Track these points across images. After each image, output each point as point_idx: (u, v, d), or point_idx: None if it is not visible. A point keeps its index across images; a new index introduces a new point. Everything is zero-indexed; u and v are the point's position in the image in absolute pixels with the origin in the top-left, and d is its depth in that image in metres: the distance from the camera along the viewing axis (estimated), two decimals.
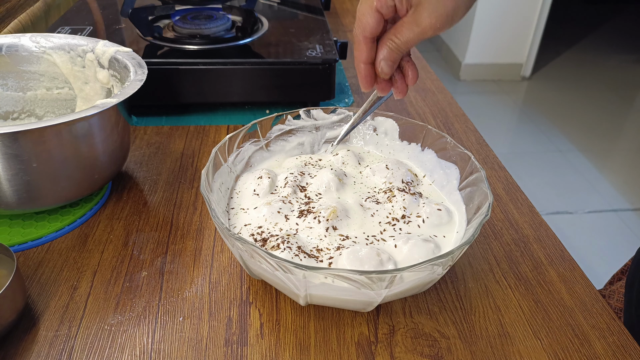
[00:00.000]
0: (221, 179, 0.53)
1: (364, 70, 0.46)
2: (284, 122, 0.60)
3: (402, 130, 0.61)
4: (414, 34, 0.43)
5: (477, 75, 3.13)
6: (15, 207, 0.52)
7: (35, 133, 0.48)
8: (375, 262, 0.44)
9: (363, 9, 0.43)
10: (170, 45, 0.77)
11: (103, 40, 0.63)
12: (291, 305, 0.48)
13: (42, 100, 0.67)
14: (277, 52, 0.77)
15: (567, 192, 2.18)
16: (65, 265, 0.51)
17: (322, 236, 0.48)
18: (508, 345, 0.45)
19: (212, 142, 0.72)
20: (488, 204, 0.46)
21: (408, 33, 0.43)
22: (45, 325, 0.45)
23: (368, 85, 0.47)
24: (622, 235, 1.96)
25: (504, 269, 0.53)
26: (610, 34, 3.88)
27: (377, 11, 0.43)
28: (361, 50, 0.45)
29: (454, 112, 0.83)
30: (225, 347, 0.44)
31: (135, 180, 0.64)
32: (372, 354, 0.44)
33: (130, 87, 0.54)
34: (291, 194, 0.53)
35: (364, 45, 0.45)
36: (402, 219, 0.51)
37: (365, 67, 0.46)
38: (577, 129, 2.64)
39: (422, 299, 0.49)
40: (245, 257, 0.44)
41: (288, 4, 0.99)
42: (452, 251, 0.41)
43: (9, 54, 0.63)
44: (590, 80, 3.19)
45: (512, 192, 0.65)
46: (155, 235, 0.55)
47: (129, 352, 0.43)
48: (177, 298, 0.48)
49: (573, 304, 0.49)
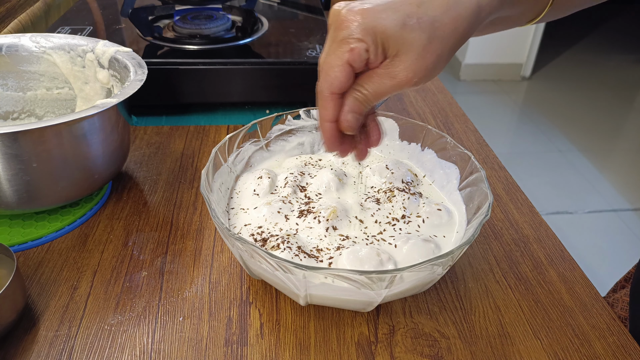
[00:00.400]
0: (221, 179, 0.53)
1: (329, 130, 0.40)
2: (284, 122, 0.60)
3: (402, 130, 0.61)
4: (385, 87, 0.38)
5: (477, 75, 3.13)
6: (15, 207, 0.52)
7: (35, 133, 0.48)
8: (375, 262, 0.44)
9: (331, 62, 0.37)
10: (170, 45, 0.77)
11: (103, 40, 0.63)
12: (291, 305, 0.48)
13: (42, 100, 0.67)
14: (277, 52, 0.77)
15: (567, 192, 2.18)
16: (65, 265, 0.51)
17: (322, 236, 0.48)
18: (508, 345, 0.45)
19: (212, 142, 0.72)
20: (488, 204, 0.46)
21: (379, 85, 0.38)
22: (45, 325, 0.45)
23: (335, 146, 0.42)
24: (622, 235, 1.96)
25: (504, 269, 0.53)
26: (610, 34, 3.88)
27: (348, 65, 0.37)
28: (327, 108, 0.39)
29: (454, 112, 0.83)
30: (225, 347, 0.44)
31: (135, 180, 0.64)
32: (372, 354, 0.44)
33: (130, 87, 0.54)
34: (291, 194, 0.53)
35: (331, 102, 0.39)
36: (402, 219, 0.51)
37: (331, 125, 0.40)
38: (577, 129, 2.65)
39: (422, 299, 0.49)
40: (245, 257, 0.44)
41: (288, 4, 0.99)
42: (452, 251, 0.41)
43: (9, 54, 0.63)
44: (590, 80, 3.19)
45: (512, 192, 0.65)
46: (155, 235, 0.55)
47: (129, 352, 0.43)
48: (177, 298, 0.48)
49: (573, 304, 0.49)
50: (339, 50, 0.37)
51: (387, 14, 0.36)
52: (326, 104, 0.39)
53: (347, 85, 0.39)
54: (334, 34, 0.38)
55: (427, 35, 0.37)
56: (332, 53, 0.38)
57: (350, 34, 0.36)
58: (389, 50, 0.37)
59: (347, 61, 0.37)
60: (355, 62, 0.37)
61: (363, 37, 0.36)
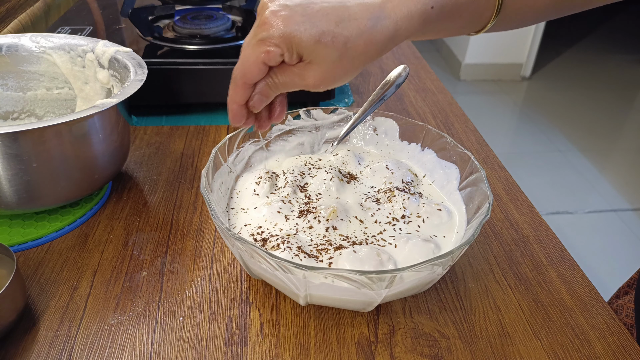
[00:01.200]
0: (221, 179, 0.53)
1: (236, 109, 0.44)
2: (284, 122, 0.60)
3: (402, 130, 0.61)
4: (293, 84, 0.42)
5: (477, 75, 3.13)
6: (15, 207, 0.52)
7: (35, 133, 0.48)
8: (375, 262, 0.44)
9: (248, 55, 0.41)
10: (170, 45, 0.77)
11: (103, 40, 0.63)
12: (291, 305, 0.48)
13: (42, 100, 0.67)
14: None
15: (567, 192, 2.18)
16: (65, 265, 0.51)
17: (322, 236, 0.48)
18: (508, 345, 0.45)
19: (212, 142, 0.72)
20: (488, 204, 0.46)
21: (290, 80, 0.42)
22: (45, 325, 0.45)
23: (238, 121, 0.45)
24: (622, 235, 1.96)
25: (504, 269, 0.53)
26: (610, 34, 3.88)
27: (263, 63, 0.41)
28: (238, 94, 0.43)
29: (454, 112, 0.83)
30: (225, 347, 0.44)
31: (135, 180, 0.64)
32: (372, 354, 0.44)
33: (130, 87, 0.54)
34: (291, 194, 0.53)
35: (242, 89, 0.43)
36: (402, 219, 0.51)
37: (238, 106, 0.44)
38: (577, 129, 2.65)
39: (422, 299, 0.49)
40: (245, 257, 0.44)
41: None
42: (452, 251, 0.41)
43: (9, 54, 0.63)
44: (590, 80, 3.19)
45: (512, 192, 0.65)
46: (155, 235, 0.55)
47: (129, 352, 0.43)
48: (177, 298, 0.48)
49: (573, 304, 0.49)
50: (257, 48, 0.40)
51: (305, 27, 0.39)
52: (238, 90, 0.43)
53: (259, 78, 0.42)
54: (257, 29, 0.40)
55: (338, 54, 0.40)
56: (250, 47, 0.40)
57: (269, 37, 0.39)
58: (303, 57, 0.40)
59: (262, 60, 0.40)
60: (270, 61, 0.40)
61: (279, 43, 0.39)
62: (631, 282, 0.63)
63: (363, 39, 0.40)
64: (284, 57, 0.40)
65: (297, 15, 0.39)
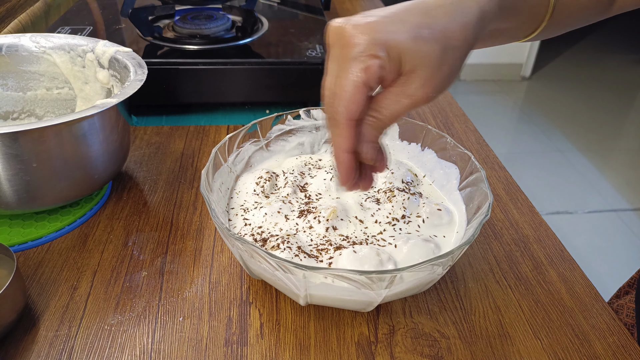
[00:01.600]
0: (221, 179, 0.53)
1: (348, 161, 0.36)
2: (284, 122, 0.60)
3: (402, 130, 0.61)
4: (401, 106, 0.34)
5: (477, 75, 3.13)
6: (15, 207, 0.52)
7: (35, 133, 0.48)
8: (375, 262, 0.44)
9: (345, 85, 0.33)
10: (170, 45, 0.77)
11: (103, 40, 0.63)
12: (291, 305, 0.48)
13: (42, 100, 0.67)
14: (277, 52, 0.77)
15: (567, 192, 2.18)
16: (65, 265, 0.51)
17: (322, 236, 0.48)
18: (508, 345, 0.45)
19: (212, 142, 0.72)
20: (488, 204, 0.46)
21: (395, 105, 0.34)
22: (45, 325, 0.45)
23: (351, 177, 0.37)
24: (622, 235, 1.96)
25: (504, 269, 0.53)
26: (610, 34, 3.88)
27: (365, 85, 0.33)
28: (345, 137, 0.35)
29: (454, 112, 0.83)
30: (225, 347, 0.44)
31: (135, 180, 0.64)
32: (372, 354, 0.44)
33: (130, 87, 0.54)
34: (291, 194, 0.53)
35: (348, 129, 0.34)
36: (402, 219, 0.51)
37: (349, 157, 0.36)
38: (577, 129, 2.64)
39: (422, 299, 0.49)
40: (245, 257, 0.44)
41: (288, 4, 0.99)
42: (452, 251, 0.41)
43: (9, 54, 0.63)
44: (590, 80, 3.19)
45: (512, 192, 0.65)
46: (155, 235, 0.55)
47: (129, 352, 0.43)
48: (177, 298, 0.48)
49: (573, 304, 0.49)
50: (352, 70, 0.33)
51: (396, 27, 0.33)
52: (344, 132, 0.35)
53: (363, 107, 0.35)
54: (341, 52, 0.34)
55: (441, 47, 0.34)
56: (343, 75, 0.34)
57: (362, 51, 0.33)
58: (404, 65, 0.34)
59: (364, 82, 0.33)
60: (372, 81, 0.33)
61: (376, 52, 0.33)
62: (631, 282, 0.63)
63: (457, 23, 0.34)
64: (384, 72, 0.34)
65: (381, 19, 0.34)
